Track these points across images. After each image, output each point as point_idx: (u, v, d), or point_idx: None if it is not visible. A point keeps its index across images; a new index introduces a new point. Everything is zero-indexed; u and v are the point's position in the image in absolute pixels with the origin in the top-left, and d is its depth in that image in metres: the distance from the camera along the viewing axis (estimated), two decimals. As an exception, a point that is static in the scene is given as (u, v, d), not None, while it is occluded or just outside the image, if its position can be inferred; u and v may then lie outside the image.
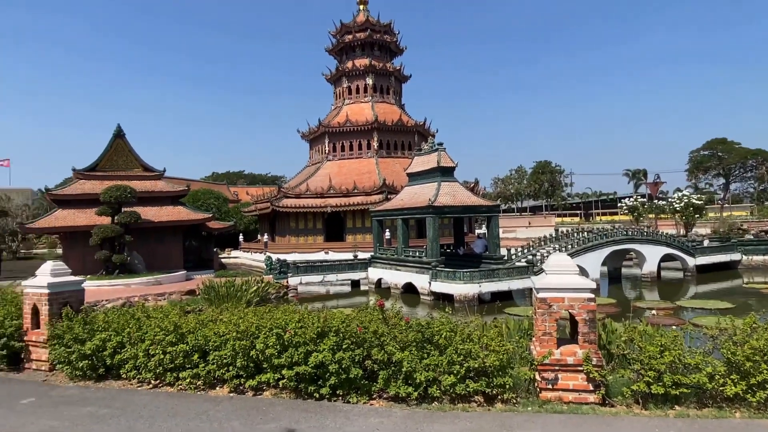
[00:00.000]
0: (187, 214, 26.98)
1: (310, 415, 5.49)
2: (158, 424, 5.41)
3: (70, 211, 24.13)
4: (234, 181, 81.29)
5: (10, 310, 8.62)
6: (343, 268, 25.16)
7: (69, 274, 8.36)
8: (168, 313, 7.67)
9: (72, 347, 7.33)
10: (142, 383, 7.04)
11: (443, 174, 22.75)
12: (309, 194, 37.59)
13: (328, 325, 6.37)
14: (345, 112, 42.99)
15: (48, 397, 6.62)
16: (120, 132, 26.34)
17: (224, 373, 6.51)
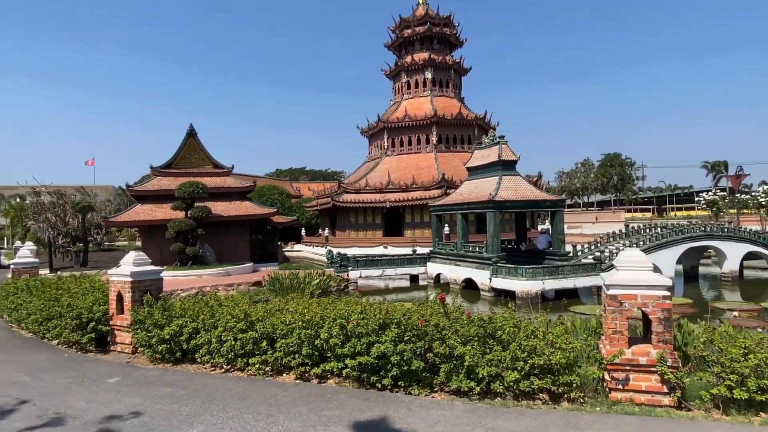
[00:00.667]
0: (253, 209, 28.09)
1: (372, 405, 5.59)
2: (231, 406, 5.71)
3: (148, 206, 25.84)
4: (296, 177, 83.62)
5: (98, 297, 9.38)
6: (402, 263, 25.27)
7: (149, 264, 8.98)
8: (238, 302, 8.06)
9: (152, 332, 7.88)
10: (215, 367, 7.45)
11: (504, 168, 22.25)
12: (368, 189, 38.02)
13: (389, 317, 6.44)
14: (404, 107, 43.01)
15: (132, 378, 7.16)
16: (192, 131, 27.84)
17: (291, 361, 6.76)
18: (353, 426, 4.98)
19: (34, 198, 41.77)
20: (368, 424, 5.04)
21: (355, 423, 5.05)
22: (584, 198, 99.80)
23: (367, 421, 5.11)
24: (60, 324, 9.18)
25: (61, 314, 9.29)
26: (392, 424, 4.99)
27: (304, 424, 5.05)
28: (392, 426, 4.95)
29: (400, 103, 44.45)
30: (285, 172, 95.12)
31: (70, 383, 6.92)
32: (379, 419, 5.13)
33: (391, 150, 42.83)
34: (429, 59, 43.29)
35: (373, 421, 5.11)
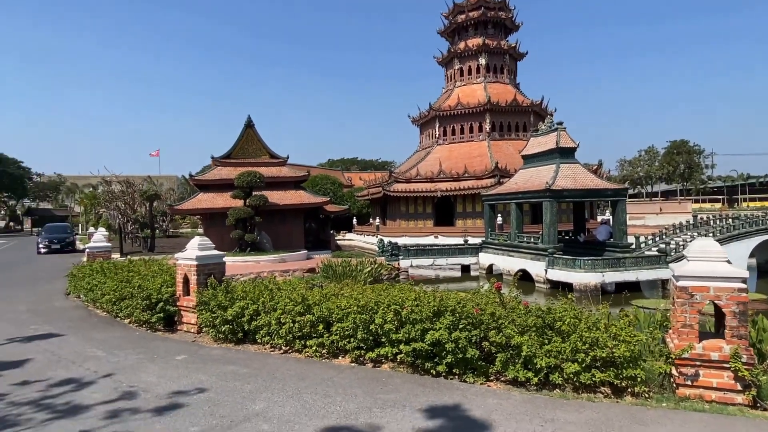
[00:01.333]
0: (307, 198, 28.69)
1: (427, 390, 5.62)
2: (290, 385, 5.91)
3: (209, 195, 26.98)
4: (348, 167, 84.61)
5: (166, 279, 9.92)
6: (453, 253, 25.08)
7: (213, 249, 9.39)
8: (296, 286, 8.30)
9: (216, 313, 8.27)
10: (274, 348, 7.73)
11: (562, 155, 21.50)
12: (419, 179, 37.89)
13: (444, 304, 6.42)
14: (456, 95, 42.39)
15: (198, 356, 7.55)
16: (250, 122, 28.70)
17: (346, 344, 6.89)
18: (409, 410, 5.02)
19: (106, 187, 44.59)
20: (423, 408, 5.06)
21: (410, 407, 5.09)
22: (647, 187, 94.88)
23: (422, 405, 5.14)
24: (131, 304, 9.81)
25: (132, 295, 9.91)
26: (448, 410, 4.99)
27: (360, 406, 5.15)
28: (448, 412, 4.95)
29: (452, 91, 43.82)
30: (337, 162, 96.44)
31: (142, 359, 7.39)
32: (435, 405, 5.15)
33: (442, 139, 42.39)
34: (483, 45, 42.33)
35: (428, 406, 5.13)
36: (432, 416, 4.86)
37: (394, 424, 4.69)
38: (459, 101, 41.18)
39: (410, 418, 4.81)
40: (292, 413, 5.03)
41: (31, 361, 7.37)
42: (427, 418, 4.81)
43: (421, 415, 4.89)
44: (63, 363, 7.24)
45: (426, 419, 4.79)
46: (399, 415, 4.89)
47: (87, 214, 55.77)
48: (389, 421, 4.76)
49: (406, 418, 4.81)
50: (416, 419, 4.78)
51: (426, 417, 4.84)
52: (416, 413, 4.93)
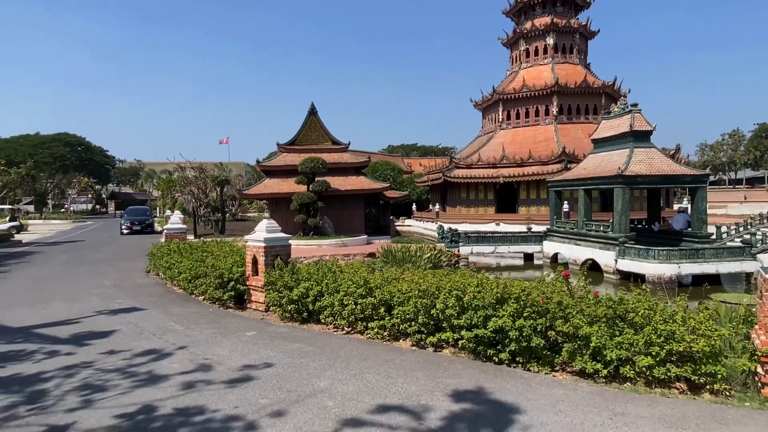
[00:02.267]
0: (368, 184, 29.00)
1: (489, 377, 5.56)
2: (353, 365, 6.06)
3: (275, 180, 27.93)
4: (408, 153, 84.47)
5: (236, 260, 10.42)
6: (515, 240, 24.46)
7: (279, 232, 9.74)
8: (358, 269, 8.44)
9: (282, 293, 8.60)
10: (337, 329, 7.94)
11: (637, 139, 20.26)
12: (480, 164, 37.13)
13: (507, 291, 6.30)
14: (521, 77, 40.94)
15: (266, 333, 7.90)
16: (313, 109, 29.30)
17: (407, 328, 6.94)
18: (470, 395, 5.00)
19: (180, 173, 47.26)
20: (485, 394, 5.02)
21: (472, 393, 5.07)
22: (731, 174, 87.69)
23: (484, 391, 5.10)
24: (205, 282, 10.41)
25: (206, 274, 10.51)
26: (511, 398, 4.92)
27: (421, 389, 5.19)
28: (511, 400, 4.88)
29: (517, 73, 42.36)
30: (397, 148, 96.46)
31: (215, 334, 7.84)
32: (497, 392, 5.09)
33: (506, 123, 41.20)
34: (551, 24, 40.47)
35: (491, 392, 5.08)
36: (495, 403, 4.81)
37: (456, 408, 4.69)
38: (524, 83, 39.74)
39: (473, 404, 4.79)
40: (355, 392, 5.15)
41: (117, 332, 8.02)
42: (489, 405, 4.77)
43: (484, 401, 4.86)
44: (145, 335, 7.83)
45: (488, 406, 4.75)
46: (459, 399, 4.88)
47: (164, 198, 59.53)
48: (451, 405, 4.76)
49: (468, 404, 4.80)
50: (478, 405, 4.75)
51: (488, 404, 4.80)
52: (479, 400, 4.90)
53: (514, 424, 4.33)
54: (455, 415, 4.54)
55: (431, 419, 4.44)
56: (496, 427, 4.28)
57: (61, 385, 5.61)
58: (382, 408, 4.71)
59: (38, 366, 6.33)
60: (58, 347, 7.21)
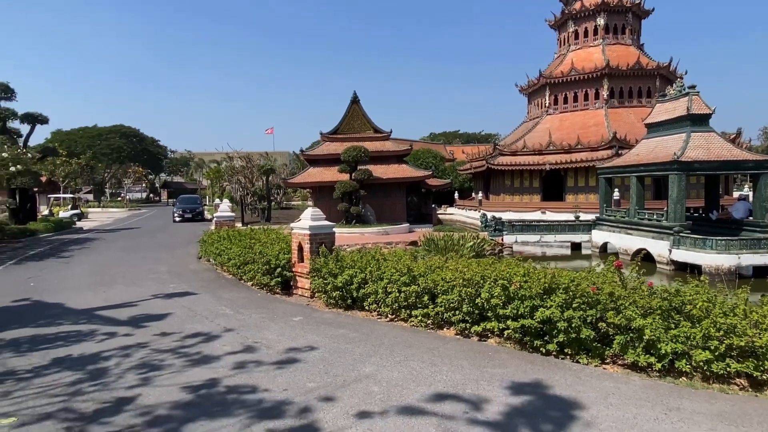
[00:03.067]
0: (409, 172, 28.90)
1: (537, 368, 5.46)
2: (397, 352, 6.10)
3: (318, 169, 28.29)
4: (450, 141, 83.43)
5: (282, 247, 10.65)
6: (562, 229, 23.80)
7: (324, 219, 9.88)
8: (401, 257, 8.45)
9: (327, 279, 8.73)
10: (381, 316, 8.00)
11: (694, 123, 19.17)
12: (526, 151, 36.24)
13: (555, 281, 6.14)
14: (570, 60, 39.50)
15: (311, 318, 8.07)
16: (355, 98, 29.37)
17: (451, 316, 6.91)
18: (517, 385, 4.93)
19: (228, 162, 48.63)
20: (532, 385, 4.94)
21: (518, 383, 5.00)
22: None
23: (531, 382, 5.02)
24: (253, 268, 10.72)
25: (254, 260, 10.81)
26: (559, 390, 4.82)
27: (466, 378, 5.16)
28: (559, 391, 4.78)
29: (565, 56, 40.88)
30: (439, 136, 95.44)
31: (263, 318, 8.08)
32: (544, 383, 5.00)
33: (553, 108, 39.94)
34: (602, 3, 38.74)
35: (538, 383, 4.99)
36: (542, 394, 4.73)
37: (503, 398, 4.64)
38: (573, 66, 38.31)
39: (520, 395, 4.73)
40: (399, 378, 5.19)
41: (172, 315, 8.40)
42: (537, 396, 4.69)
43: (532, 392, 4.78)
44: (197, 318, 8.16)
45: (536, 397, 4.67)
46: (507, 390, 4.82)
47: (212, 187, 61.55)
48: (497, 395, 4.71)
49: (515, 394, 4.73)
50: (525, 395, 4.68)
51: (536, 394, 4.72)
52: (526, 391, 4.82)
53: (564, 416, 4.24)
54: (501, 404, 4.49)
55: (477, 408, 4.42)
56: (546, 418, 4.20)
57: (121, 363, 5.94)
58: (428, 395, 4.72)
59: (100, 345, 6.73)
60: (118, 328, 7.63)
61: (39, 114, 28.89)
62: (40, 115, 28.93)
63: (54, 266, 14.80)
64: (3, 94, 26.66)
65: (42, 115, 29.02)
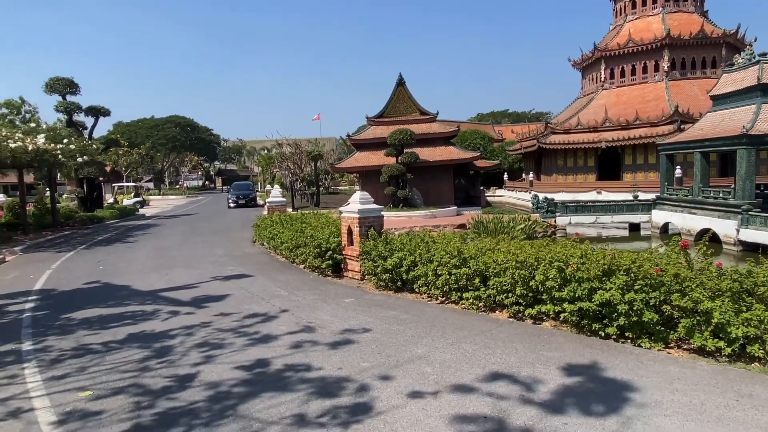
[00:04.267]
0: (457, 154, 28.50)
1: (595, 352, 5.29)
2: (449, 334, 6.08)
3: (365, 153, 28.41)
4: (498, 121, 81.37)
5: (333, 230, 10.81)
6: (620, 209, 22.86)
7: (372, 203, 9.92)
8: (451, 239, 8.37)
9: (377, 262, 8.80)
10: (431, 298, 7.99)
11: (765, 93, 17.77)
12: (579, 129, 34.86)
13: (615, 263, 5.89)
14: (626, 31, 37.41)
15: (363, 300, 8.18)
16: (401, 80, 29.13)
17: (503, 299, 6.80)
18: (575, 369, 4.80)
19: (278, 149, 49.73)
20: (591, 368, 4.79)
21: (576, 366, 4.86)
22: None
23: (589, 365, 4.87)
24: (305, 251, 10.95)
25: (305, 243, 11.05)
26: (620, 374, 4.65)
27: (522, 360, 5.08)
28: (620, 375, 4.61)
29: (621, 27, 38.75)
30: (487, 116, 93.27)
31: (316, 299, 8.26)
32: (604, 367, 4.84)
33: (608, 82, 38.09)
34: (662, -32, 36.30)
35: (597, 367, 4.84)
36: (603, 379, 4.58)
37: (560, 380, 4.53)
38: (630, 37, 36.26)
39: (578, 377, 4.60)
40: (452, 360, 5.17)
41: (230, 296, 8.74)
42: (596, 380, 4.55)
43: (590, 376, 4.64)
44: (254, 299, 8.45)
45: (595, 381, 4.53)
46: (565, 373, 4.71)
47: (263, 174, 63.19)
48: (554, 377, 4.61)
49: (573, 377, 4.61)
50: (585, 379, 4.55)
51: (596, 379, 4.58)
52: (584, 374, 4.69)
53: (626, 401, 4.10)
54: (558, 387, 4.39)
55: (532, 390, 4.34)
56: (606, 402, 4.07)
57: (185, 342, 6.25)
58: (481, 377, 4.68)
59: (164, 324, 7.11)
60: (180, 308, 8.03)
61: (102, 107, 30.50)
62: (102, 108, 30.54)
63: (120, 251, 15.73)
64: (68, 88, 28.27)
65: (104, 108, 30.63)
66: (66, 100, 28.54)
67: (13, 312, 8.35)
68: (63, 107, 28.51)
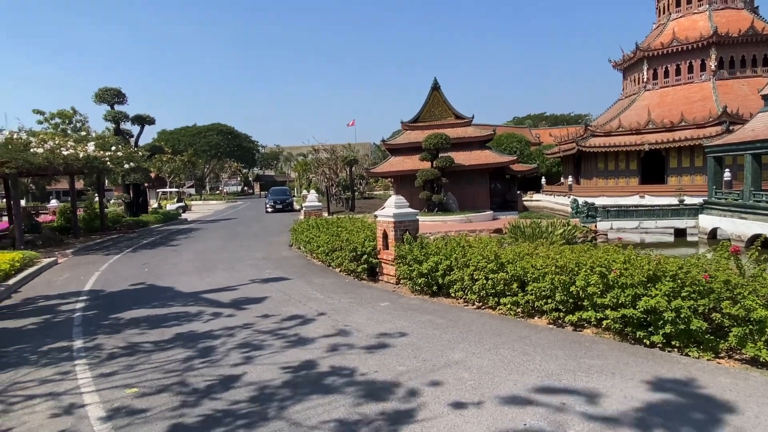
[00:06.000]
0: (493, 158, 28.14)
1: (640, 360, 5.11)
2: (486, 339, 6.00)
3: (399, 158, 28.44)
4: (535, 124, 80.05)
5: (368, 234, 10.88)
6: (664, 214, 22.03)
7: (408, 207, 9.93)
8: (487, 243, 8.27)
9: (412, 266, 8.78)
10: (467, 303, 7.91)
11: (826, 91, 16.78)
12: (621, 131, 33.84)
13: (661, 269, 5.68)
14: (670, 30, 36.16)
15: (398, 304, 8.18)
16: (436, 85, 29.05)
17: (543, 305, 6.66)
18: (618, 377, 4.64)
19: (314, 155, 50.42)
20: (636, 378, 4.62)
21: (621, 376, 4.71)
22: None
23: (635, 376, 4.70)
24: (341, 255, 11.05)
25: (341, 247, 11.15)
26: (667, 384, 4.46)
27: (562, 368, 4.96)
28: (667, 386, 4.43)
29: (665, 25, 37.48)
30: (523, 119, 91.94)
31: (352, 303, 8.32)
32: (651, 377, 4.65)
33: (651, 83, 36.85)
34: (708, -36, 34.94)
35: (644, 377, 4.65)
36: (649, 388, 4.40)
37: (602, 389, 4.40)
38: (674, 36, 35.00)
39: (621, 386, 4.45)
40: (490, 366, 5.10)
41: (268, 299, 8.91)
42: (642, 389, 4.38)
43: (635, 385, 4.48)
44: (292, 302, 8.59)
45: (641, 390, 4.36)
46: (608, 382, 4.56)
47: (300, 179, 64.22)
48: (596, 386, 4.47)
49: (616, 386, 4.46)
50: (629, 389, 4.40)
51: (641, 388, 4.41)
52: (629, 383, 4.53)
53: (675, 411, 3.93)
54: (601, 396, 4.25)
55: (573, 397, 4.23)
56: (652, 411, 3.92)
57: (226, 342, 6.41)
58: (520, 384, 4.60)
59: (206, 325, 7.31)
60: (221, 310, 8.24)
61: (147, 115, 31.80)
62: (147, 117, 31.83)
63: (164, 253, 16.29)
64: (116, 98, 29.64)
65: (149, 117, 31.91)
66: (114, 110, 29.91)
67: (66, 311, 8.78)
68: (111, 116, 29.88)
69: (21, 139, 17.37)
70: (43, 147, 17.28)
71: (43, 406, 4.69)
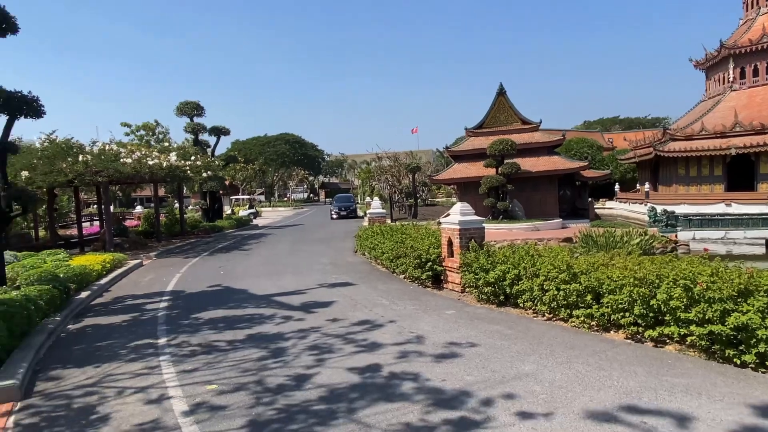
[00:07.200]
0: (561, 163, 27.18)
1: (730, 381, 4.73)
2: (558, 352, 5.79)
3: (463, 165, 28.16)
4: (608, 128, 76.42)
5: (432, 242, 10.85)
6: (755, 224, 20.22)
7: (473, 215, 9.82)
8: (558, 253, 8.00)
9: (478, 275, 8.66)
10: (536, 314, 7.68)
11: None
12: (704, 134, 31.55)
13: (753, 282, 5.24)
14: (760, 25, 33.38)
15: (464, 312, 8.09)
16: (502, 90, 28.56)
17: (620, 318, 6.33)
18: (705, 398, 4.32)
19: (377, 162, 51.07)
20: (724, 400, 4.28)
21: (708, 396, 4.38)
22: None
23: (724, 397, 4.35)
24: (405, 262, 11.11)
25: (406, 254, 11.20)
26: (760, 408, 4.10)
27: (642, 386, 4.69)
28: (760, 410, 4.07)
29: (753, 20, 34.63)
30: (595, 123, 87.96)
31: (417, 310, 8.33)
32: (743, 398, 4.30)
33: (738, 83, 34.12)
34: (807, -50, 31.94)
35: (732, 398, 4.31)
36: (743, 412, 4.07)
37: (687, 410, 4.11)
38: (765, 32, 32.22)
39: (709, 408, 4.14)
40: (563, 380, 4.92)
41: (335, 303, 9.12)
42: (735, 413, 4.05)
43: (725, 407, 4.15)
44: (358, 307, 8.74)
45: (734, 413, 4.04)
46: (694, 402, 4.26)
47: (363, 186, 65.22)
48: (681, 407, 4.19)
49: (702, 407, 4.16)
50: (718, 410, 4.08)
51: (734, 411, 4.08)
52: (717, 404, 4.21)
53: (771, 440, 3.61)
54: (686, 417, 3.98)
55: (655, 418, 3.98)
56: (745, 440, 3.62)
57: (297, 344, 6.63)
58: (596, 400, 4.40)
59: (278, 327, 7.60)
60: (291, 313, 8.53)
61: (223, 127, 33.65)
62: (223, 128, 33.67)
63: (237, 257, 17.12)
64: (195, 111, 31.63)
65: (225, 128, 33.75)
66: (193, 122, 31.91)
67: (150, 310, 9.45)
68: (191, 128, 31.91)
69: (112, 150, 18.99)
70: (131, 157, 18.79)
71: (133, 398, 5.07)
